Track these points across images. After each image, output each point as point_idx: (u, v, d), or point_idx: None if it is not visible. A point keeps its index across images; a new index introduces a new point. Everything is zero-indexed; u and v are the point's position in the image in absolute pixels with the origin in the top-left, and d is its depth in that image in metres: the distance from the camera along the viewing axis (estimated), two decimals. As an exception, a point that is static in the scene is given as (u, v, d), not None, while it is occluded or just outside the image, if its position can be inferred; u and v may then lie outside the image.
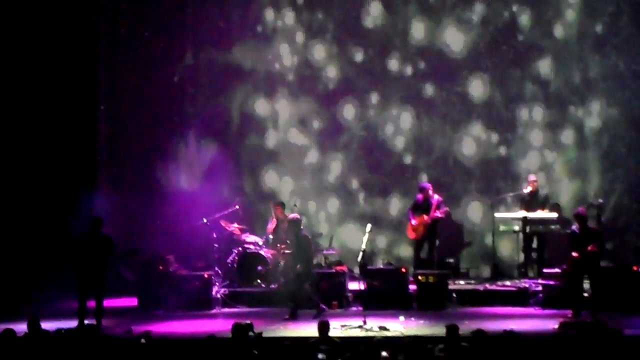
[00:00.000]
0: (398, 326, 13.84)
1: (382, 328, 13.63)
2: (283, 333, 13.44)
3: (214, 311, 15.87)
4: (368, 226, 14.93)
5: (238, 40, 18.92)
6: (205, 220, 16.89)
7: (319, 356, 10.29)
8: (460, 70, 18.50)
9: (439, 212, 16.94)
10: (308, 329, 13.16)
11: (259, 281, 16.87)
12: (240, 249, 17.04)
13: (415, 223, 17.07)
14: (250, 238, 17.22)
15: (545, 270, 15.86)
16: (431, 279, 15.83)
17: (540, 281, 15.84)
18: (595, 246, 14.15)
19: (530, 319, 14.43)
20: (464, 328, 11.85)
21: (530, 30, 18.31)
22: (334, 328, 13.32)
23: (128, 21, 19.01)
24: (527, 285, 16.09)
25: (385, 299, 15.53)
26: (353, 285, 16.13)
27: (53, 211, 17.79)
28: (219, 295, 16.20)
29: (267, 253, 16.93)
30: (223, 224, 17.12)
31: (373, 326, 13.72)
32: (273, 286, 16.68)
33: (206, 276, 16.21)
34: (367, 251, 14.96)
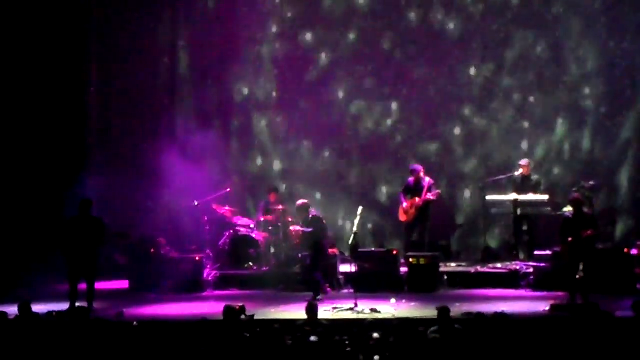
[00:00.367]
0: (389, 308, 13.85)
1: (374, 310, 13.66)
2: (274, 315, 13.44)
3: (206, 294, 15.88)
4: (359, 209, 14.92)
5: (229, 21, 18.84)
6: (196, 202, 16.87)
7: (311, 338, 10.26)
8: (453, 50, 18.44)
9: (431, 195, 16.92)
10: (301, 312, 13.14)
11: (251, 264, 16.89)
12: (231, 232, 17.04)
13: (406, 205, 17.04)
14: (241, 221, 17.22)
15: (536, 252, 15.88)
16: (422, 261, 15.85)
17: (531, 263, 15.86)
18: (593, 231, 14.06)
19: (521, 301, 14.44)
20: (455, 310, 11.85)
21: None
22: (325, 310, 13.36)
23: (118, 1, 18.91)
24: (518, 267, 16.12)
25: (376, 282, 15.55)
26: (344, 267, 16.16)
27: (44, 194, 17.73)
28: (211, 277, 16.20)
29: (259, 236, 16.93)
30: (215, 207, 17.10)
31: (364, 308, 13.73)
32: (264, 269, 16.70)
33: (198, 259, 16.22)
34: (359, 233, 14.96)
